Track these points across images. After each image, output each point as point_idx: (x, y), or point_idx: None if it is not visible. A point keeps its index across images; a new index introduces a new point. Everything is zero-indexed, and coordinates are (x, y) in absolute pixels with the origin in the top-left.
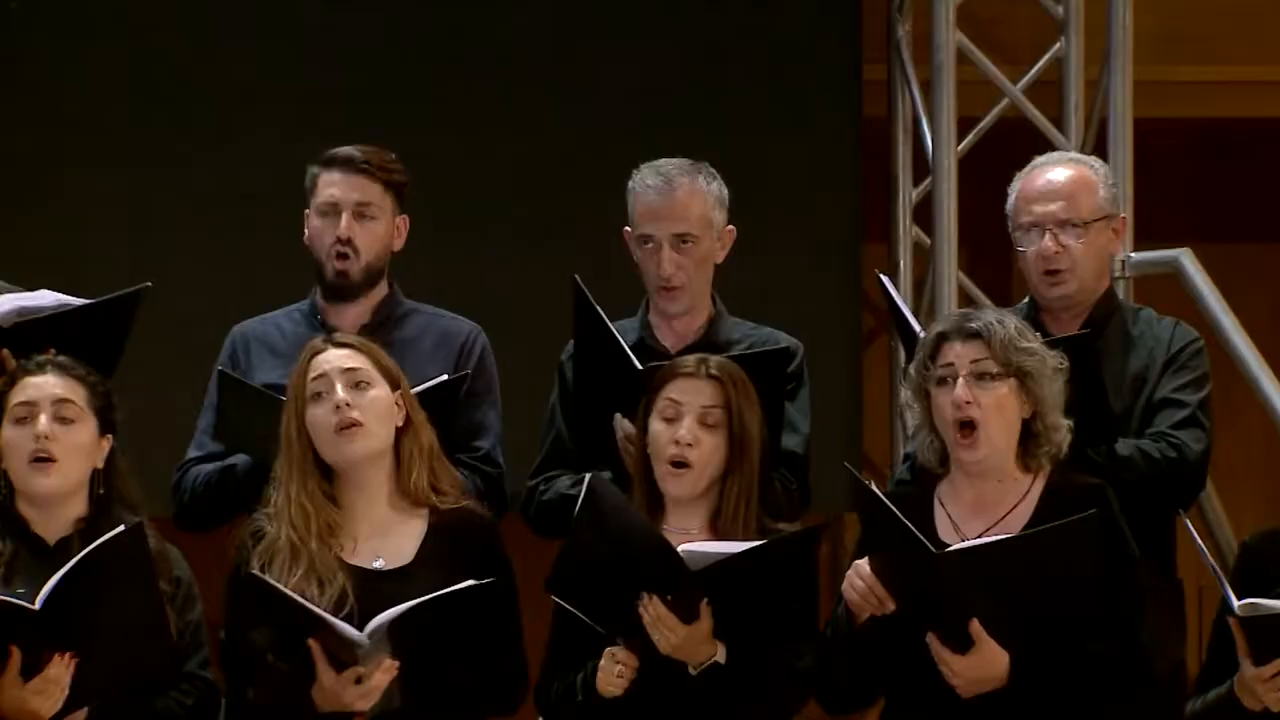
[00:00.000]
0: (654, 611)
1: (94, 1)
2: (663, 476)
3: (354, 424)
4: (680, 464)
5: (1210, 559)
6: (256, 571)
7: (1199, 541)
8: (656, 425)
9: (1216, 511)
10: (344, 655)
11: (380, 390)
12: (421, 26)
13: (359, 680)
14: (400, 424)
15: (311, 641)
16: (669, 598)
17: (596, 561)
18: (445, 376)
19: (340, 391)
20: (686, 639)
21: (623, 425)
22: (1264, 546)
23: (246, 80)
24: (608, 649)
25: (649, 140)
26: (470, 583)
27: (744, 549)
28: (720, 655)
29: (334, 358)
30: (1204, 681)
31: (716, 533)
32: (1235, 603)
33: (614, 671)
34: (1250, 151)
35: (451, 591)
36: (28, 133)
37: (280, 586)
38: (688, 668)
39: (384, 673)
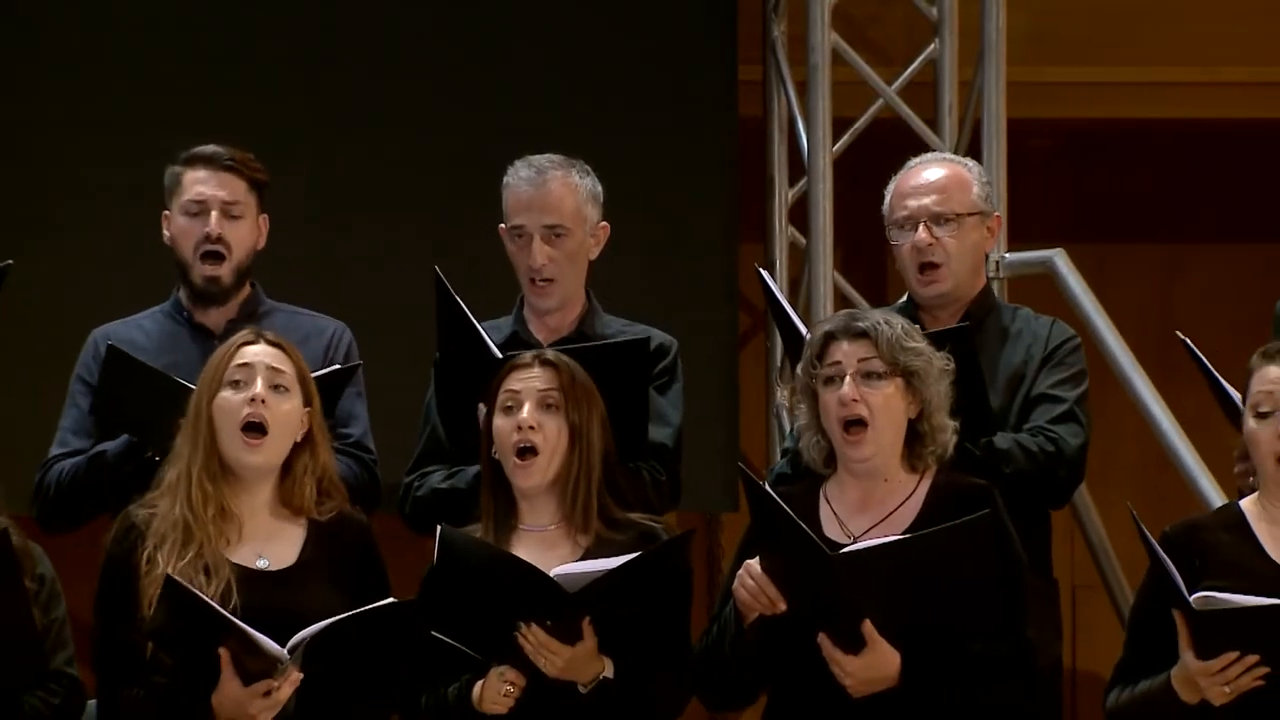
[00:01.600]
0: (535, 639)
1: None
2: (512, 470)
3: (261, 425)
4: (526, 449)
5: (1163, 554)
6: (178, 579)
7: (1147, 535)
8: (499, 421)
9: (1089, 510)
10: (254, 666)
11: (294, 401)
12: (297, 23)
13: (267, 693)
14: (299, 439)
15: (223, 650)
16: (548, 623)
17: (467, 601)
18: (337, 366)
19: (260, 387)
20: (572, 660)
21: (485, 413)
22: (1185, 539)
23: (113, 76)
24: (495, 668)
25: (524, 139)
26: (391, 600)
27: (618, 564)
28: (609, 670)
29: (263, 353)
30: (1126, 673)
31: (570, 525)
32: (1189, 596)
33: (500, 691)
34: (1122, 152)
35: (373, 609)
36: None
37: (202, 595)
38: (577, 686)
39: (290, 685)
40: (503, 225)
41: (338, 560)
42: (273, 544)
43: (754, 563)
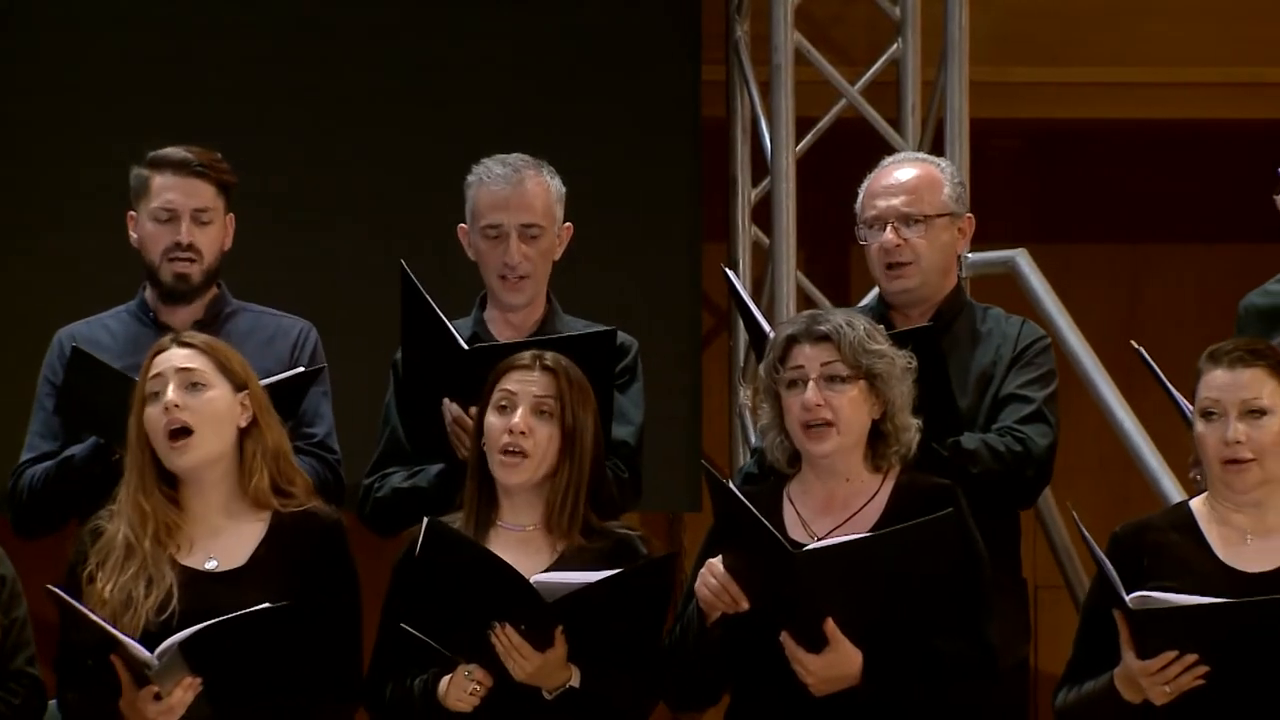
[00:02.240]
0: (507, 641)
1: None
2: (496, 465)
3: (182, 428)
4: (514, 451)
5: (1100, 553)
6: (57, 589)
7: (1088, 536)
8: (491, 417)
9: (1052, 510)
10: (142, 672)
11: (218, 391)
12: (261, 25)
13: (158, 697)
14: (244, 425)
15: (114, 657)
16: (522, 627)
17: (444, 594)
18: (301, 369)
19: (171, 392)
20: (541, 666)
21: (451, 409)
22: (1134, 539)
23: (81, 77)
24: (462, 665)
25: (487, 139)
26: (265, 605)
27: (599, 579)
28: (575, 679)
29: (173, 357)
30: (1074, 673)
31: (550, 529)
32: (1125, 596)
33: (467, 689)
34: (1085, 152)
35: (245, 614)
36: None
37: (78, 605)
38: (542, 691)
39: (184, 689)
40: (463, 225)
41: (296, 558)
42: (226, 544)
43: (716, 561)
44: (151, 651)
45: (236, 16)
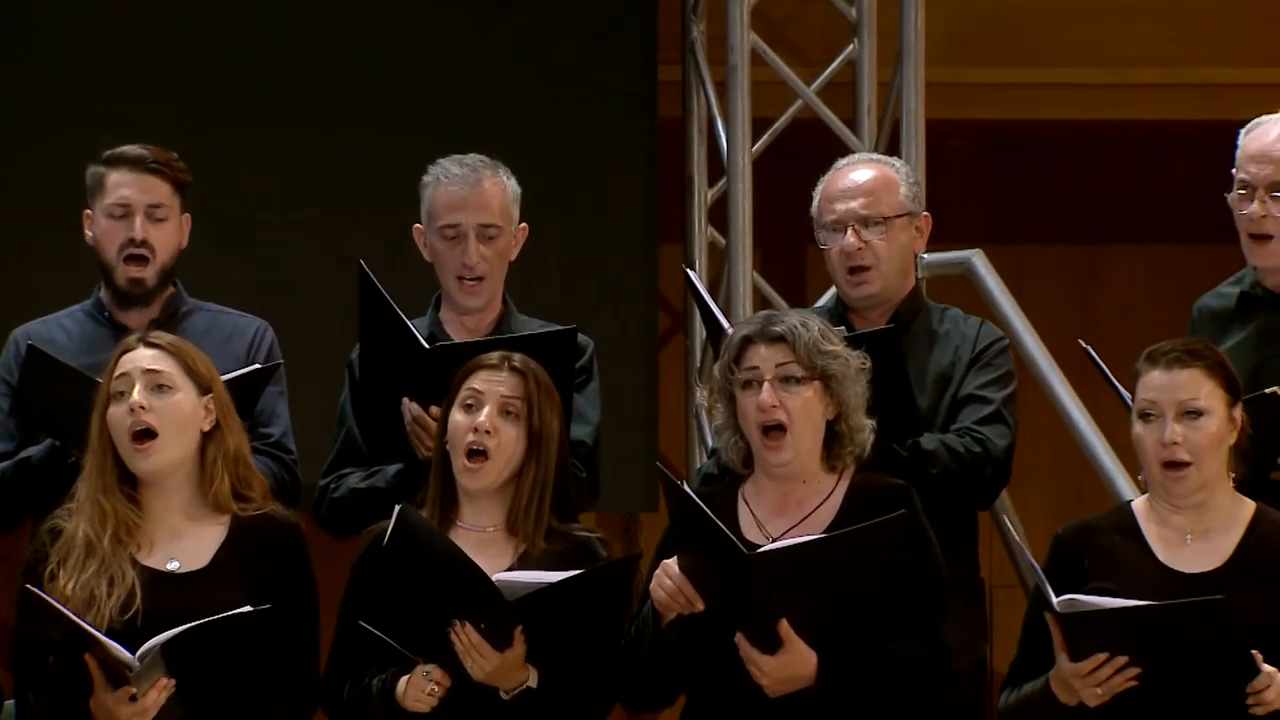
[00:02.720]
0: (467, 639)
1: None
2: (460, 470)
3: (147, 430)
4: (478, 451)
5: (1029, 556)
6: (32, 587)
7: (1016, 537)
8: (456, 416)
9: (1007, 509)
10: (119, 672)
11: (183, 395)
12: (216, 24)
13: (133, 698)
14: (207, 429)
15: (88, 657)
16: (482, 626)
17: (405, 589)
18: (256, 365)
19: (137, 394)
20: (500, 666)
21: (411, 408)
22: (1076, 540)
23: (36, 76)
24: (421, 665)
25: (443, 139)
26: (247, 608)
27: (560, 579)
28: (533, 680)
29: (139, 358)
30: (1016, 675)
31: (511, 531)
32: (1054, 599)
33: (425, 689)
34: (1040, 153)
35: (226, 616)
36: None
37: (56, 604)
38: (499, 691)
39: (159, 691)
40: (419, 225)
41: (256, 561)
42: (187, 545)
43: (672, 562)
44: (131, 652)
45: (190, 16)
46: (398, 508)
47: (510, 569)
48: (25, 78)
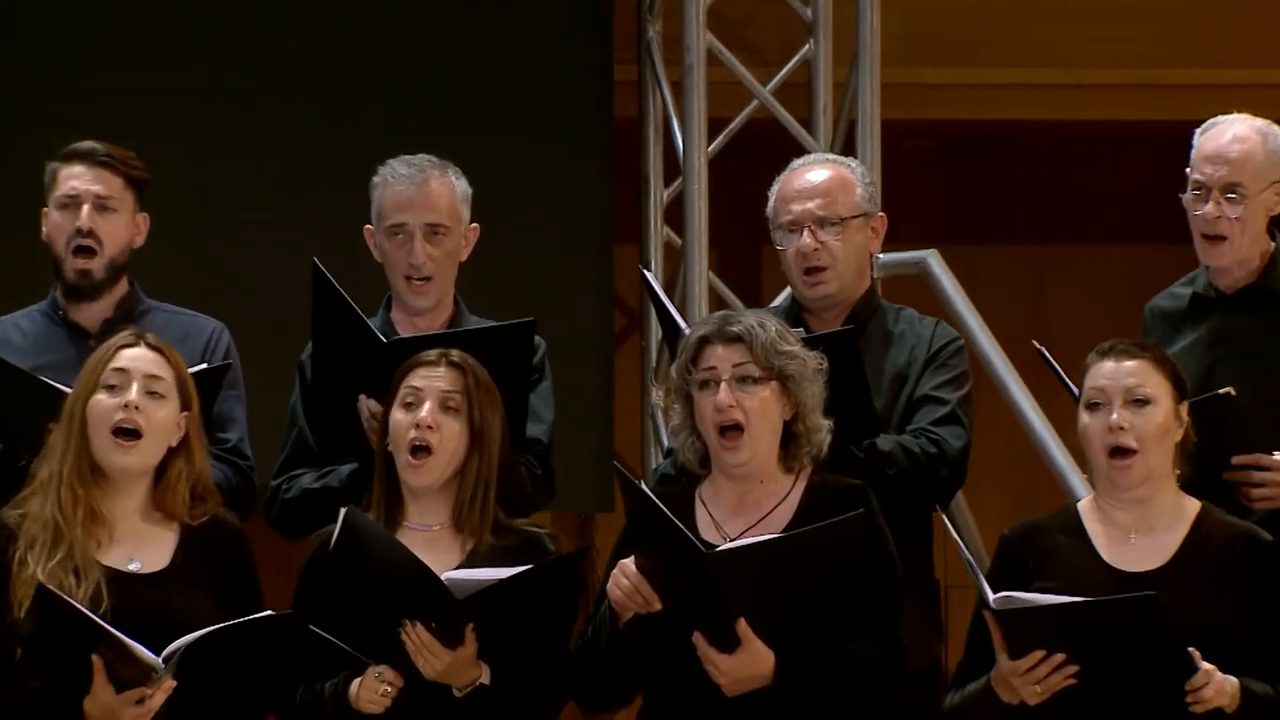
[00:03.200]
0: (418, 639)
1: None
2: (404, 467)
3: (133, 429)
4: (421, 447)
5: (967, 554)
6: (48, 585)
7: (956, 537)
8: (397, 415)
9: (962, 510)
10: (127, 674)
11: (170, 407)
12: (169, 22)
13: (139, 701)
14: (175, 444)
15: (96, 657)
16: (433, 625)
17: (354, 591)
18: (205, 365)
19: (134, 393)
20: (451, 664)
21: (368, 405)
22: (1021, 540)
23: None
24: (372, 667)
25: (398, 138)
26: (270, 613)
27: (509, 575)
28: (485, 677)
29: (142, 357)
30: (961, 675)
31: (458, 528)
32: (990, 596)
33: (378, 691)
34: (995, 153)
35: (246, 622)
36: None
37: (74, 602)
38: (452, 690)
39: (164, 693)
40: (369, 226)
41: (209, 566)
42: (144, 547)
43: (629, 562)
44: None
45: (144, 14)
46: (343, 510)
47: (459, 567)
48: None
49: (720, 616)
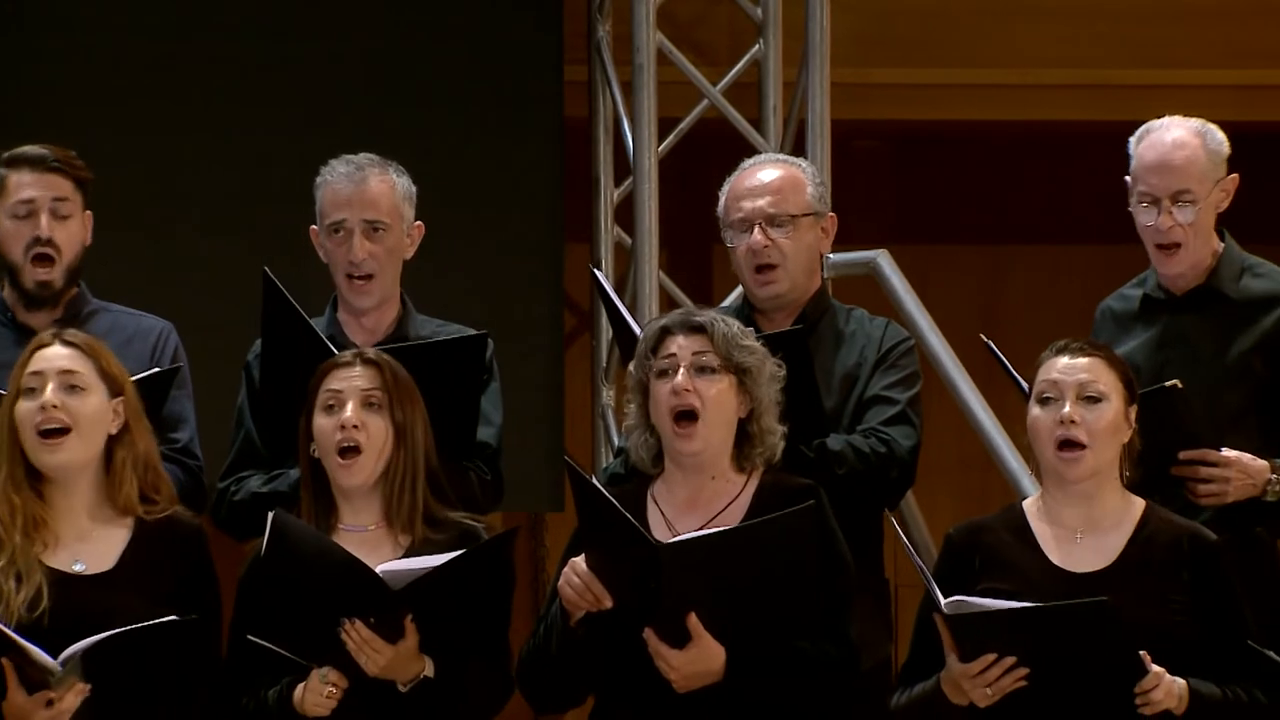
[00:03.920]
0: (358, 636)
1: None
2: (334, 469)
3: (58, 428)
4: (350, 447)
5: (915, 555)
6: None
7: (904, 537)
8: (320, 420)
9: (912, 510)
10: (36, 677)
11: (96, 397)
12: (115, 22)
13: (49, 703)
14: (115, 431)
15: (4, 661)
16: (372, 620)
17: (291, 594)
18: (157, 369)
19: (50, 393)
20: (394, 659)
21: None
22: (967, 539)
23: None
24: (316, 669)
25: (347, 138)
26: (172, 618)
27: (442, 562)
28: (429, 669)
29: (54, 356)
30: (907, 675)
31: (391, 526)
32: (941, 601)
33: (323, 693)
34: (945, 153)
35: (151, 625)
36: None
37: None
38: (397, 685)
39: (75, 695)
40: (314, 226)
41: (161, 564)
42: (92, 547)
43: (580, 560)
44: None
45: (91, 14)
46: (270, 514)
47: None
48: None
49: (671, 611)
